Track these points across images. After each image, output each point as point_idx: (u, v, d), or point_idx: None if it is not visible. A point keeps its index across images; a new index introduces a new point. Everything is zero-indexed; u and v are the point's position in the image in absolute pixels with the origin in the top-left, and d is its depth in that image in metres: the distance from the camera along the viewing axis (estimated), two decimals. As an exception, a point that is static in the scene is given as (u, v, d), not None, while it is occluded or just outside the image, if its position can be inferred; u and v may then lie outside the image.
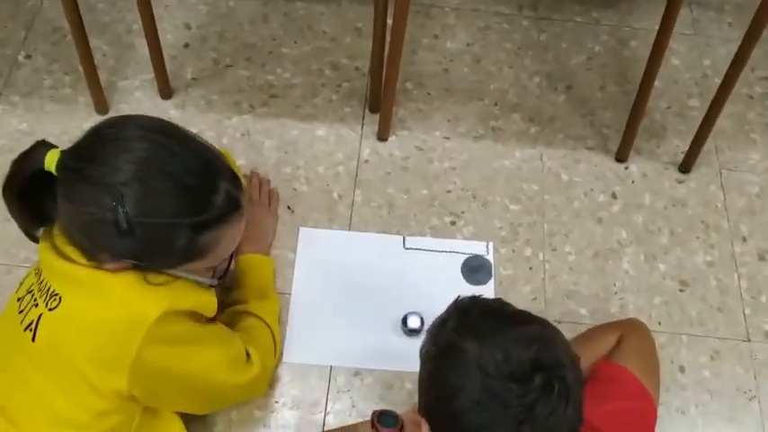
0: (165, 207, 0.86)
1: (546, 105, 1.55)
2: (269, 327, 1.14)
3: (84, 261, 0.90)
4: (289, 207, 1.37)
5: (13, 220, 0.95)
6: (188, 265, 0.92)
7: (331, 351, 1.23)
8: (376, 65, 1.45)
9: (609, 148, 1.49)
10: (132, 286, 0.90)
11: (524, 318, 0.90)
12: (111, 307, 0.90)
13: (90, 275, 0.90)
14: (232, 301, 1.18)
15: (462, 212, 1.39)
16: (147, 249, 0.88)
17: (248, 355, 1.07)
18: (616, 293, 1.32)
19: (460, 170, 1.44)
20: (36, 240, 1.00)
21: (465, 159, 1.46)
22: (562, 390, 0.83)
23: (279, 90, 1.52)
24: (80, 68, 1.41)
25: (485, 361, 0.83)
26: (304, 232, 1.35)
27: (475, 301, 0.93)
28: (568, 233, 1.38)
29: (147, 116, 0.95)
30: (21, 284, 1.01)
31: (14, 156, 0.92)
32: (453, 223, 1.38)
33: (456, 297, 0.93)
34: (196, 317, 0.98)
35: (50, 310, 0.92)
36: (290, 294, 1.27)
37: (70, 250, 0.91)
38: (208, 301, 0.99)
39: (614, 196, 1.44)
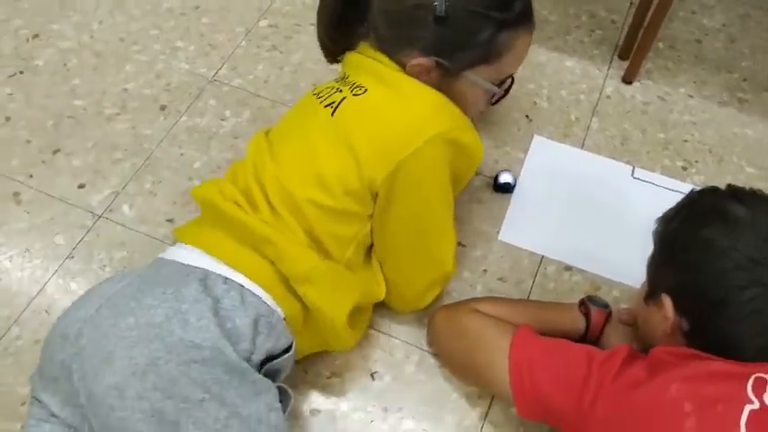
0: None
1: (797, 93, 1.53)
2: None
3: (391, 65, 1.00)
4: (527, 116, 1.44)
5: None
6: (481, 68, 1.00)
7: (546, 243, 1.27)
8: (637, 20, 1.51)
9: None
10: (429, 99, 0.98)
11: None
12: (407, 108, 0.97)
13: (396, 77, 0.99)
14: None
15: (696, 162, 1.39)
16: (455, 40, 0.96)
17: None
18: None
19: (700, 126, 1.45)
20: (333, 59, 1.10)
21: (706, 118, 1.46)
22: None
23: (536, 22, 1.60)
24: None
25: (758, 221, 0.84)
26: (538, 139, 1.40)
27: (717, 187, 0.94)
28: (803, 208, 1.34)
29: None
30: (316, 88, 1.09)
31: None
32: (685, 169, 1.38)
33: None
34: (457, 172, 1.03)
35: (355, 95, 1.00)
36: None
37: (379, 56, 1.01)
38: (478, 146, 1.03)
39: None
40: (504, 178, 1.33)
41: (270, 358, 0.94)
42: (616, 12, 1.64)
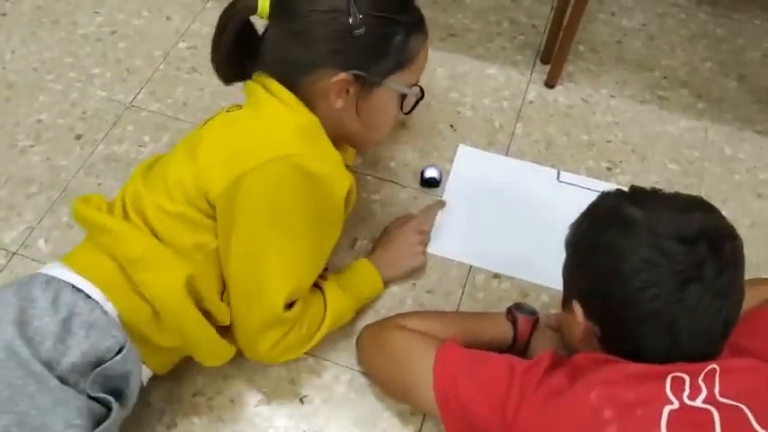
0: (386, 2, 0.95)
1: (715, 88, 1.55)
2: (324, 312, 1.06)
3: (275, 89, 0.97)
4: (451, 125, 1.43)
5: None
6: (397, 75, 0.99)
7: (473, 252, 1.26)
8: (556, 24, 1.52)
9: (779, 137, 1.48)
10: (293, 123, 0.95)
11: (680, 194, 0.91)
12: (264, 126, 0.96)
13: (268, 101, 0.97)
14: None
15: (620, 162, 1.40)
16: (370, 49, 0.96)
17: (293, 305, 1.01)
18: (771, 264, 1.29)
19: (623, 126, 1.46)
20: (227, 82, 1.08)
21: (629, 117, 1.48)
22: (731, 252, 0.82)
23: (457, 31, 1.61)
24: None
25: (652, 223, 0.84)
26: (463, 148, 1.40)
27: (621, 189, 0.94)
28: (725, 200, 1.36)
29: None
30: None
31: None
32: (609, 169, 1.39)
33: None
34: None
35: (228, 111, 1.03)
36: (441, 196, 1.33)
37: (267, 81, 0.99)
38: (337, 181, 0.97)
39: (779, 178, 1.41)
40: (430, 173, 1.33)
41: (101, 362, 0.89)
42: (537, 17, 1.65)
